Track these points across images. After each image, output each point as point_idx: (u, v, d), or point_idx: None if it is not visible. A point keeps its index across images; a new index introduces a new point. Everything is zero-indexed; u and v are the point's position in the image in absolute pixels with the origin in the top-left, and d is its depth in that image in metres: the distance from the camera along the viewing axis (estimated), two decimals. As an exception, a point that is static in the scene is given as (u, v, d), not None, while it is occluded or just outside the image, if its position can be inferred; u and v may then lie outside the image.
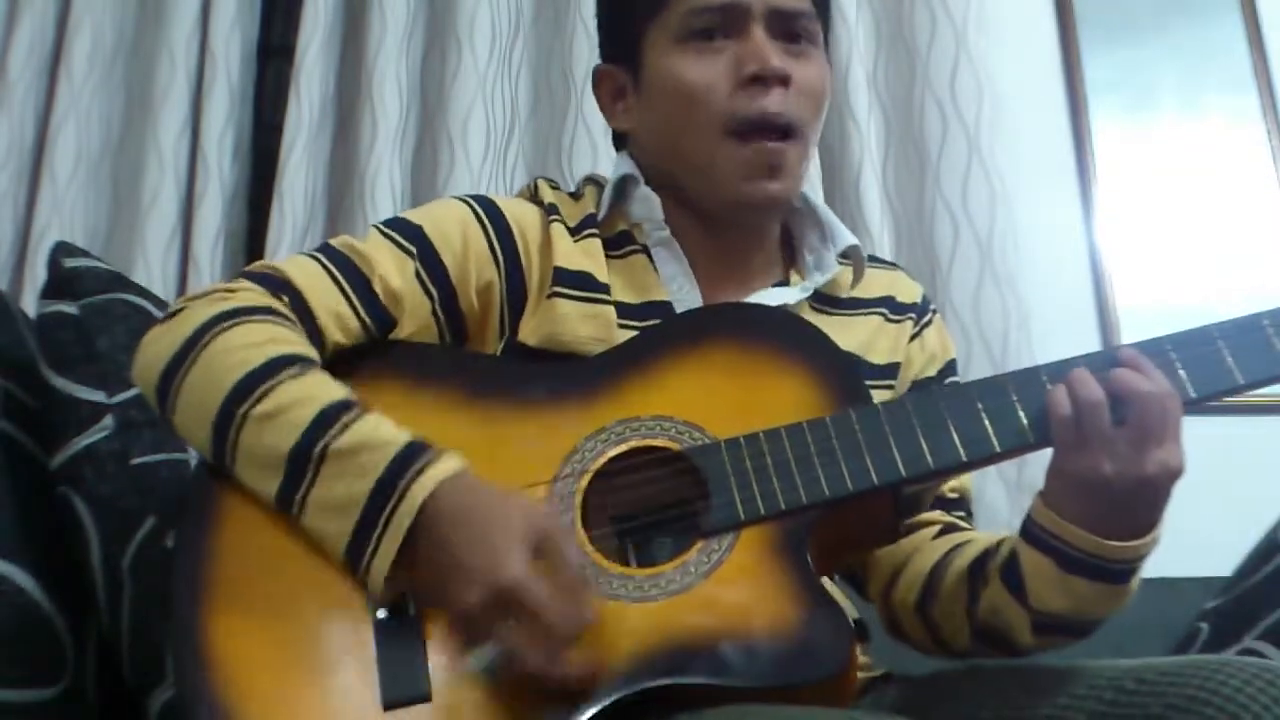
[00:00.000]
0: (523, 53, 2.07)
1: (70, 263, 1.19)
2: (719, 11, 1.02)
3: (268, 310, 0.94)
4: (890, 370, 1.10)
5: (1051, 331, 1.88)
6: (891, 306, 1.13)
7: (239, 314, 0.92)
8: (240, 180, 2.07)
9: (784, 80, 1.02)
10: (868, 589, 1.10)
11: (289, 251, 1.85)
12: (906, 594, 1.04)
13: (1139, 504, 0.87)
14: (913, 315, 1.15)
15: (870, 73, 2.01)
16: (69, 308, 1.15)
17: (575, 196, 1.12)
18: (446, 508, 0.82)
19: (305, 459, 0.85)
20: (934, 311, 1.18)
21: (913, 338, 1.14)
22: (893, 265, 1.21)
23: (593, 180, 1.15)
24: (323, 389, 0.89)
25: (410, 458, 0.84)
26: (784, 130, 1.03)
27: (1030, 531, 0.91)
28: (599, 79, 1.13)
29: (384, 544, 0.82)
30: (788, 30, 1.04)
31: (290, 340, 0.92)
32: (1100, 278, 2.01)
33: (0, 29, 2.07)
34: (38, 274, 1.77)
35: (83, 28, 2.05)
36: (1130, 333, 1.95)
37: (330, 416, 0.86)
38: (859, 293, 1.12)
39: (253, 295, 0.96)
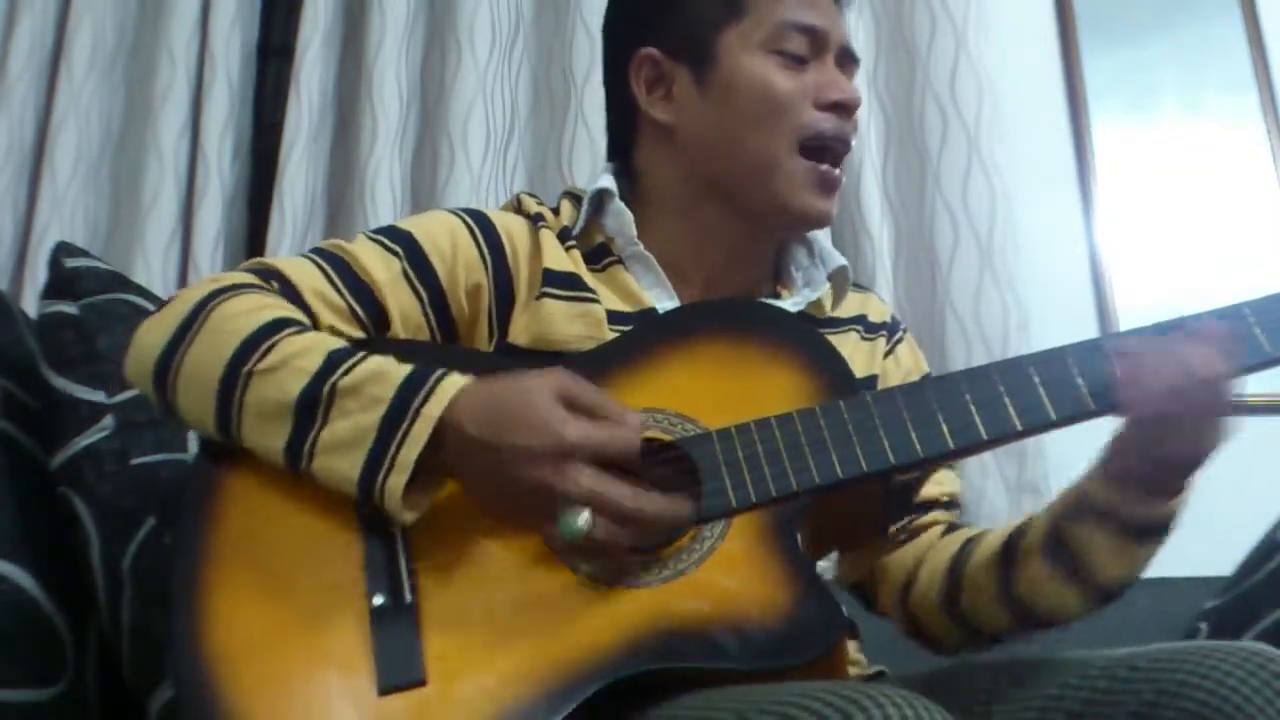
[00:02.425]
0: (523, 53, 2.07)
1: (70, 263, 1.19)
2: (809, 33, 1.06)
3: (260, 287, 0.97)
4: (869, 383, 1.12)
5: (1051, 332, 1.88)
6: (865, 325, 1.16)
7: (233, 289, 0.95)
8: (240, 180, 2.07)
9: (857, 108, 1.08)
10: (879, 602, 1.11)
11: (289, 252, 1.85)
12: (927, 593, 1.05)
13: (1194, 470, 0.90)
14: (884, 333, 1.18)
15: (870, 73, 2.01)
16: (69, 308, 1.15)
17: (554, 211, 1.13)
18: (468, 415, 0.84)
19: (314, 401, 0.87)
20: (904, 330, 1.22)
21: (887, 354, 1.17)
22: (864, 288, 1.23)
23: (570, 195, 1.15)
24: (325, 339, 0.91)
25: (418, 381, 0.86)
26: (841, 156, 1.08)
27: (1088, 507, 0.92)
28: (639, 63, 1.10)
29: (398, 464, 0.83)
30: (846, 71, 1.10)
31: (287, 307, 0.95)
32: (1100, 278, 2.01)
33: (0, 29, 2.07)
34: (38, 274, 1.77)
35: (83, 28, 2.05)
36: (1130, 333, 1.95)
37: (336, 360, 0.88)
38: (836, 313, 1.15)
39: (243, 278, 0.98)
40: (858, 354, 1.13)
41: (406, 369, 0.87)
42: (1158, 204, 2.06)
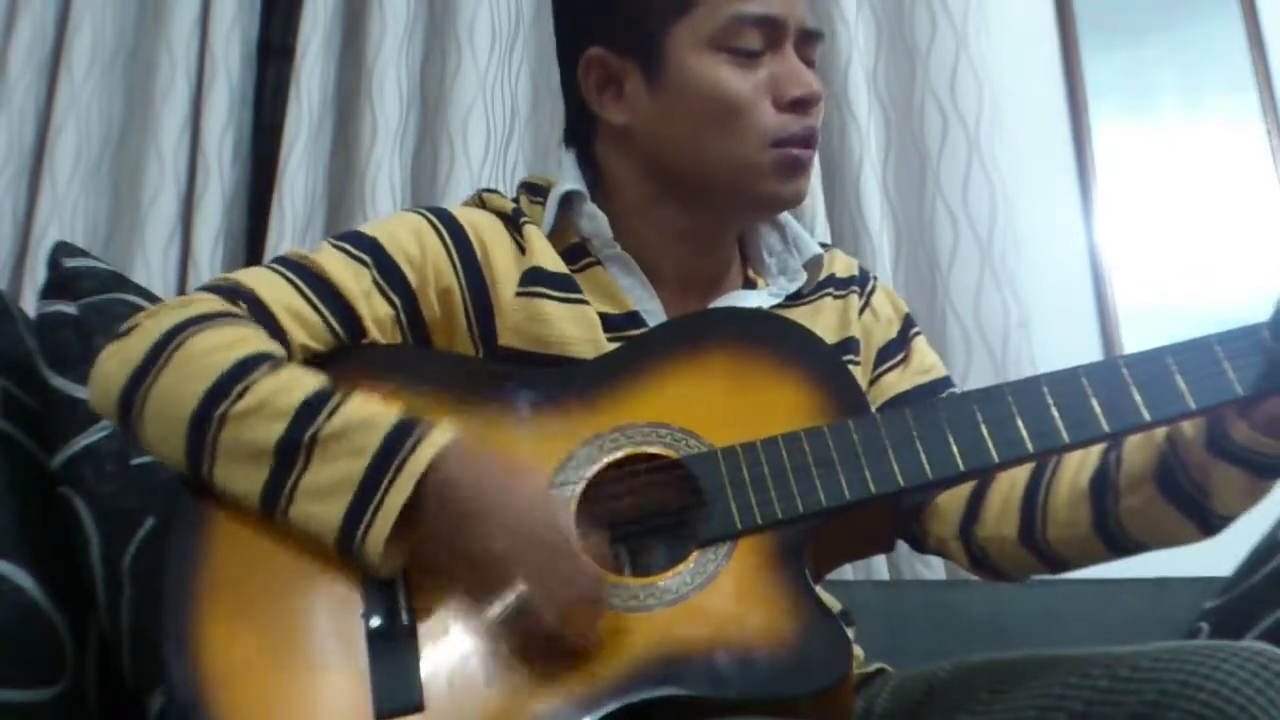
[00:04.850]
0: (523, 53, 2.07)
1: (70, 263, 1.19)
2: (761, 25, 1.01)
3: (228, 315, 0.93)
4: (847, 346, 1.10)
5: (1051, 332, 1.88)
6: (835, 284, 1.14)
7: (200, 320, 0.91)
8: (240, 180, 2.07)
9: (819, 101, 1.04)
10: (929, 539, 1.08)
11: (289, 251, 1.85)
12: (1000, 528, 1.03)
13: None
14: (855, 289, 1.15)
15: (870, 73, 2.01)
16: (69, 308, 1.15)
17: (515, 203, 1.10)
18: (449, 474, 0.83)
19: (295, 447, 0.85)
20: (874, 278, 1.19)
21: (861, 311, 1.14)
22: (827, 246, 1.19)
23: (528, 188, 1.12)
24: (302, 379, 0.89)
25: (404, 432, 0.84)
26: (812, 144, 1.05)
27: (1225, 449, 0.90)
28: (588, 65, 1.05)
29: (380, 516, 0.82)
30: (807, 54, 1.05)
31: (257, 340, 0.92)
32: (1100, 278, 2.01)
33: (0, 29, 2.07)
34: (38, 274, 1.77)
35: (83, 28, 2.05)
36: (1130, 332, 1.95)
37: (316, 403, 0.86)
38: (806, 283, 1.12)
39: (210, 303, 0.94)
40: (833, 317, 1.11)
41: (392, 417, 0.85)
42: (1158, 204, 2.06)
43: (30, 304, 1.42)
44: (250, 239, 2.06)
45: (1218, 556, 1.41)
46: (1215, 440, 0.90)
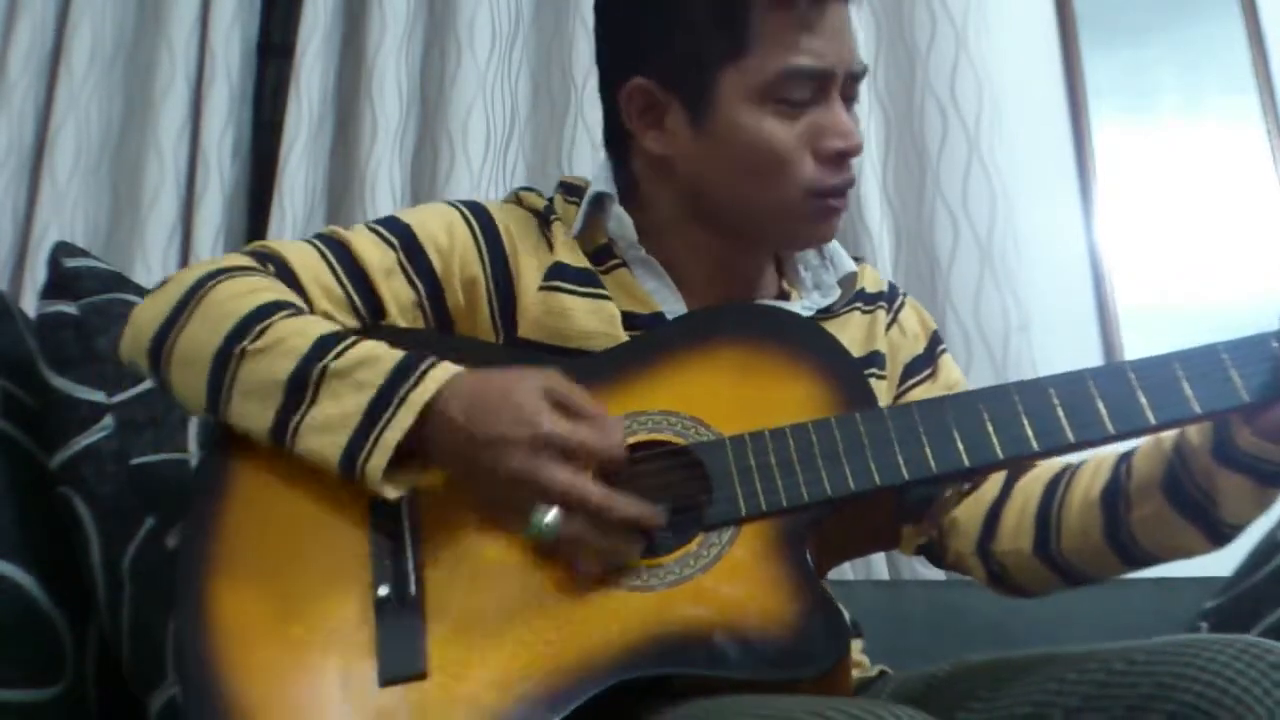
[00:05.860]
0: (523, 53, 2.07)
1: (70, 263, 1.19)
2: (813, 78, 0.99)
3: (256, 270, 0.98)
4: (873, 360, 1.11)
5: (1051, 332, 1.88)
6: (863, 298, 1.14)
7: (229, 271, 0.96)
8: (240, 179, 2.07)
9: (860, 152, 1.03)
10: (948, 555, 1.09)
11: (289, 251, 1.86)
12: (1016, 541, 1.03)
13: None
14: (883, 304, 1.16)
15: (870, 73, 2.01)
16: (69, 308, 1.15)
17: (549, 202, 1.12)
18: (455, 402, 0.86)
19: (304, 381, 0.88)
20: (904, 294, 1.20)
21: (889, 326, 1.15)
22: (858, 259, 1.19)
23: (565, 187, 1.13)
24: (318, 323, 0.93)
25: (408, 367, 0.87)
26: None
27: (1230, 457, 0.90)
28: (630, 93, 1.04)
29: (381, 444, 0.85)
30: (850, 92, 1.04)
31: (281, 290, 0.96)
32: (1100, 278, 2.01)
33: (0, 29, 2.07)
34: (38, 274, 1.77)
35: (82, 28, 2.06)
36: (1130, 333, 1.95)
37: (329, 342, 0.90)
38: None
39: (239, 259, 1.00)
40: (859, 331, 1.12)
41: (399, 355, 0.88)
42: (1158, 204, 2.06)
43: (30, 304, 1.42)
44: (250, 238, 2.06)
45: (1218, 556, 1.41)
46: (1221, 447, 0.91)
